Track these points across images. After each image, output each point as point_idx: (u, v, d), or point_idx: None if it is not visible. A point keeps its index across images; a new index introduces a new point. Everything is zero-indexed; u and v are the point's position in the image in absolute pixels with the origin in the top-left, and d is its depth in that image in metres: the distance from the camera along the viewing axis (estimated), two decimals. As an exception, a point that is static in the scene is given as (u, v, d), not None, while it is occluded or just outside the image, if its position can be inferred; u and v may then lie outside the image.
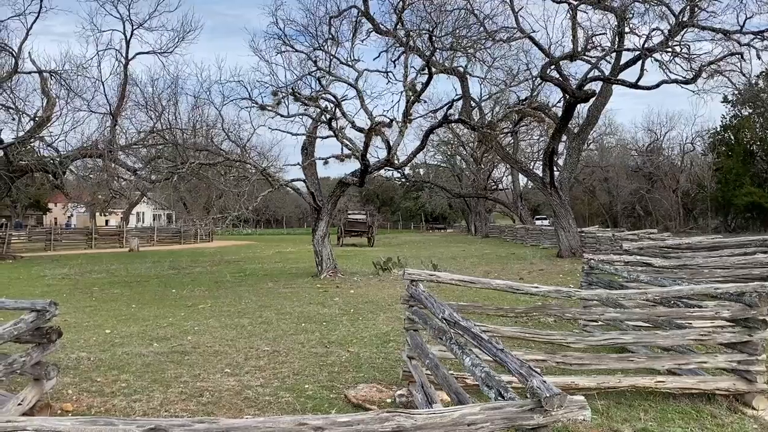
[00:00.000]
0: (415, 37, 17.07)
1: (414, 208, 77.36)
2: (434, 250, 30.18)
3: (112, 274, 20.17)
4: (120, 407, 5.75)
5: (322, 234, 18.10)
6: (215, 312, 11.72)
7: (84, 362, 7.55)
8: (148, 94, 23.36)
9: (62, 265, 23.97)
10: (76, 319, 10.83)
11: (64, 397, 6.06)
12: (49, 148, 26.14)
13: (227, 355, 7.94)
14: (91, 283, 17.24)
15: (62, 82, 25.78)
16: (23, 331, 4.72)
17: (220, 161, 19.11)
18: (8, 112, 26.13)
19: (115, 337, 9.29)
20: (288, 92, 16.77)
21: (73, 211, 59.61)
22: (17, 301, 5.30)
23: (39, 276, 19.56)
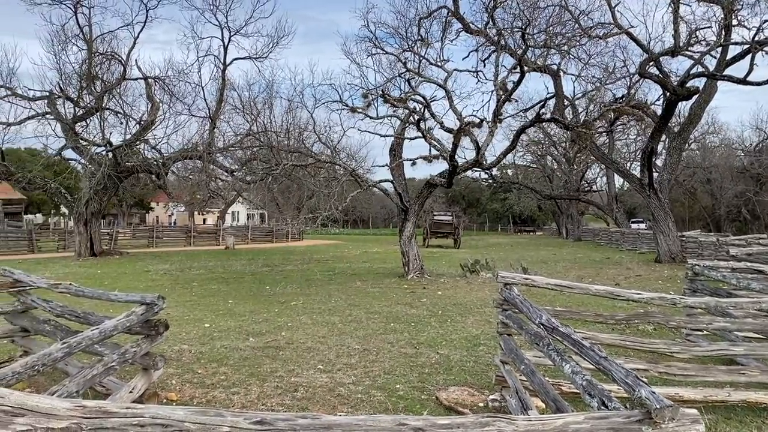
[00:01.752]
0: (507, 35, 16.79)
1: (501, 209, 76.09)
2: (523, 253, 29.55)
3: (209, 270, 21.09)
4: (220, 399, 5.99)
5: (409, 235, 18.14)
6: (307, 309, 12.00)
7: (186, 354, 7.92)
8: (244, 98, 24.30)
9: (164, 261, 25.33)
10: (178, 312, 11.39)
11: (168, 387, 6.38)
12: (153, 150, 27.69)
13: (319, 352, 8.10)
14: (191, 279, 18.10)
15: (165, 88, 27.29)
16: (134, 323, 5.00)
17: (311, 163, 19.58)
18: (117, 117, 27.92)
19: (214, 330, 9.69)
20: (378, 94, 16.94)
21: (174, 210, 62.98)
22: (128, 294, 5.63)
23: (143, 271, 20.75)
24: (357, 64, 17.89)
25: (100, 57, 26.89)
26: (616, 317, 6.33)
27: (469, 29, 17.91)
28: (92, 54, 26.12)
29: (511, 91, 16.47)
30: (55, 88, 26.55)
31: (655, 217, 23.33)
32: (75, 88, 26.79)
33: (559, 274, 18.10)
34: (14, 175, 27.50)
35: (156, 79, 27.17)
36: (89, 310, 6.09)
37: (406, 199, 18.07)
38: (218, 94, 26.73)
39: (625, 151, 46.66)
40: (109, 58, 27.25)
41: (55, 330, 6.29)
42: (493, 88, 16.34)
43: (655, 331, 9.19)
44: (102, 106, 26.48)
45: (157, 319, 5.37)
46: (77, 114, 26.71)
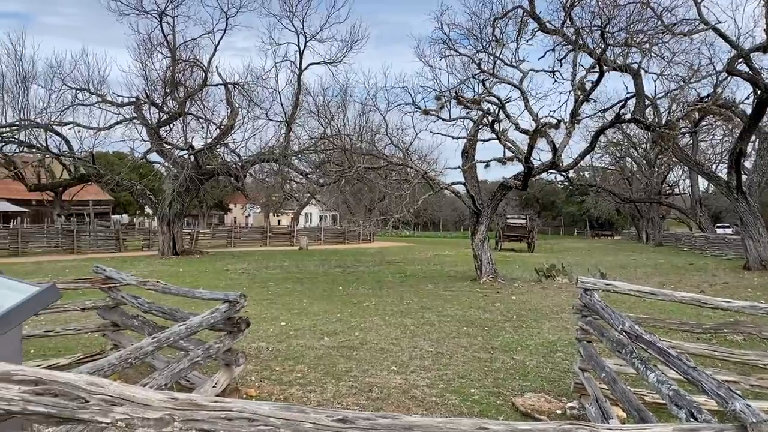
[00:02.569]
0: (585, 34, 16.34)
1: (578, 212, 74.06)
2: (601, 258, 28.65)
3: (285, 270, 21.58)
4: (297, 396, 6.12)
5: (482, 238, 17.95)
6: (379, 310, 12.07)
7: (263, 352, 8.14)
8: (319, 102, 24.76)
9: (241, 260, 26.13)
10: (255, 311, 11.71)
11: (248, 383, 6.56)
12: (232, 153, 28.67)
13: (393, 353, 8.13)
14: (267, 278, 18.58)
15: (244, 93, 28.16)
16: (218, 320, 5.18)
17: (382, 165, 19.74)
18: (198, 121, 29.08)
19: (290, 329, 9.91)
20: (451, 96, 16.86)
21: (250, 211, 64.92)
22: (211, 292, 5.84)
23: (223, 270, 21.48)
24: (430, 66, 18.09)
25: (183, 64, 28.07)
26: (702, 326, 6.05)
27: (546, 29, 17.55)
28: (176, 61, 27.31)
29: (589, 91, 16.02)
30: (142, 94, 27.95)
31: (744, 221, 22.09)
32: (160, 94, 28.08)
33: (639, 281, 17.43)
34: (103, 178, 29.11)
35: (235, 84, 28.09)
36: (174, 307, 6.35)
37: (479, 201, 17.89)
38: (294, 98, 27.36)
39: (711, 153, 44.40)
40: (192, 65, 28.40)
41: (142, 325, 6.59)
42: (571, 88, 15.95)
43: (746, 342, 8.70)
44: (184, 111, 27.65)
45: (238, 316, 5.55)
46: (161, 119, 27.97)
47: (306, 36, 27.15)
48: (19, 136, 27.04)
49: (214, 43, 27.73)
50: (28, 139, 27.50)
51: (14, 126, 26.46)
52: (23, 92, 26.97)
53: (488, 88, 17.11)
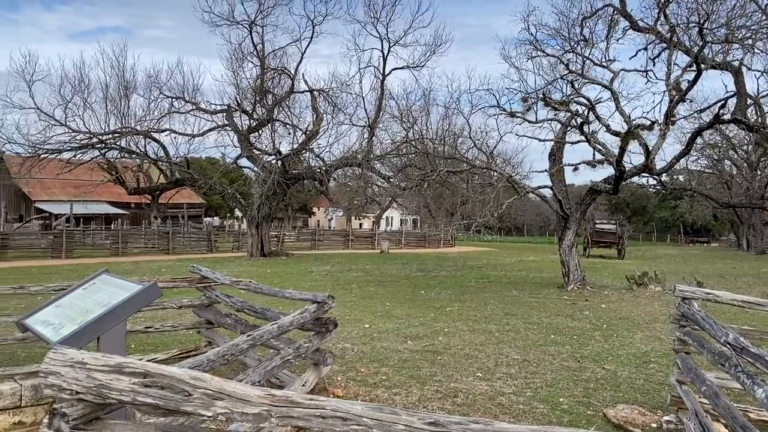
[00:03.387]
0: (681, 31, 15.56)
1: (671, 218, 70.52)
2: (697, 266, 27.18)
3: (367, 273, 21.81)
4: (383, 398, 6.16)
5: (569, 243, 17.43)
6: (462, 316, 11.97)
7: (349, 353, 8.25)
8: (401, 107, 24.89)
9: (325, 262, 26.63)
10: (340, 312, 11.88)
11: (334, 383, 6.67)
12: (317, 158, 29.31)
13: (477, 359, 8.03)
14: (350, 281, 18.84)
15: (329, 99, 28.77)
16: (307, 320, 5.29)
17: (465, 169, 19.56)
18: (285, 127, 29.98)
19: (374, 331, 9.99)
20: (538, 97, 16.50)
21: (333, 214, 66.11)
22: (301, 293, 5.98)
23: (307, 272, 21.97)
24: (516, 67, 17.60)
25: (272, 72, 29.01)
26: (818, 341, 5.60)
27: (638, 27, 16.84)
28: (264, 69, 28.26)
29: (685, 90, 15.24)
30: (233, 102, 29.12)
31: None
32: (250, 102, 29.14)
33: (740, 290, 16.39)
34: (197, 182, 30.50)
35: (320, 91, 28.73)
36: (265, 306, 6.56)
37: (567, 205, 17.40)
38: (377, 103, 27.64)
39: (822, 155, 41.20)
40: (279, 73, 29.30)
41: (235, 323, 6.84)
42: (665, 88, 15.22)
43: None
44: (273, 118, 28.56)
45: (326, 317, 5.65)
46: (251, 125, 29.02)
47: (390, 41, 27.40)
48: (120, 142, 28.78)
49: (300, 51, 28.52)
50: (129, 145, 29.22)
51: (116, 133, 28.17)
52: (125, 101, 28.67)
53: (577, 89, 16.61)
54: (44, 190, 47.19)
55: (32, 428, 5.35)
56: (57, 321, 5.03)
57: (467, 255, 35.74)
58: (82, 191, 37.29)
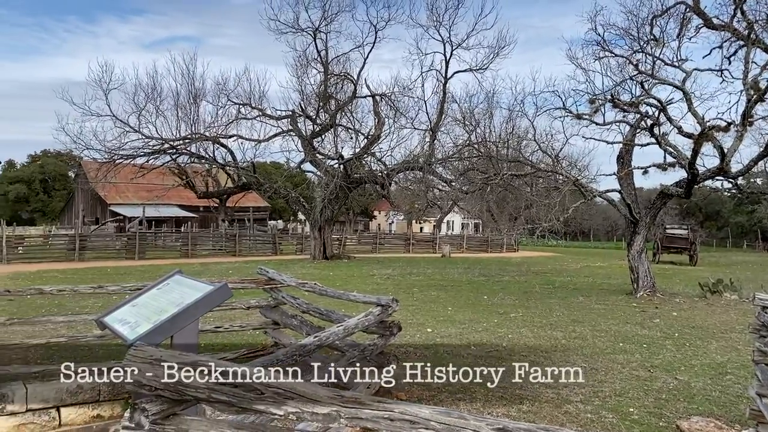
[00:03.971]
0: (760, 28, 14.82)
1: (747, 223, 67.19)
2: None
3: (428, 277, 21.76)
4: (446, 402, 6.15)
5: (639, 249, 16.87)
6: (527, 322, 11.77)
7: (411, 356, 8.25)
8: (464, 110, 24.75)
9: (386, 266, 26.73)
10: (402, 316, 11.89)
11: (397, 386, 6.68)
12: (379, 162, 29.52)
13: (542, 366, 7.87)
14: (411, 284, 18.84)
15: (390, 104, 28.94)
16: (371, 323, 5.33)
17: (529, 172, 19.26)
18: (348, 132, 30.35)
19: (436, 336, 9.96)
20: (606, 99, 16.07)
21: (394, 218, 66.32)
22: (365, 296, 6.03)
23: (369, 275, 22.12)
24: (582, 68, 17.11)
25: (335, 78, 29.41)
26: None
27: (712, 24, 16.15)
28: (327, 75, 28.68)
29: (764, 90, 14.50)
30: (297, 107, 29.68)
31: None
32: (313, 107, 29.64)
33: (825, 300, 15.44)
34: (262, 186, 31.24)
35: (382, 96, 28.92)
36: (330, 308, 6.64)
37: (636, 210, 16.85)
38: (439, 106, 27.60)
39: None
40: (342, 78, 29.67)
41: (300, 325, 6.96)
42: (742, 87, 14.53)
43: None
44: (335, 123, 28.94)
45: (391, 320, 5.68)
46: (315, 130, 29.50)
47: (452, 44, 27.32)
48: (190, 148, 29.81)
49: (363, 56, 28.80)
50: (198, 150, 30.24)
51: (187, 139, 29.19)
52: (194, 108, 29.69)
53: (647, 89, 16.07)
54: (119, 194, 49.44)
55: (110, 422, 5.59)
56: (133, 319, 5.25)
57: (531, 260, 35.12)
58: (154, 195, 38.86)
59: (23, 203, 62.96)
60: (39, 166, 65.61)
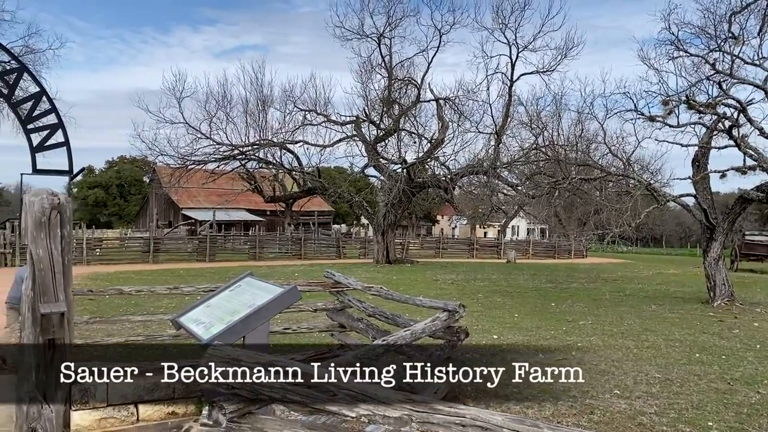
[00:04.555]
0: None
1: (837, 229, 63.14)
2: None
3: (493, 282, 21.49)
4: (514, 410, 6.06)
5: (716, 256, 16.12)
6: (597, 330, 11.44)
7: (477, 362, 8.14)
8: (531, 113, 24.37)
9: (450, 271, 26.57)
10: (466, 322, 11.68)
11: (464, 392, 6.62)
12: (442, 166, 29.43)
13: (614, 376, 7.65)
14: (476, 290, 18.65)
15: (455, 108, 28.81)
16: (438, 328, 5.32)
17: (599, 176, 18.75)
18: (411, 136, 30.41)
19: (503, 342, 9.83)
20: (680, 100, 15.46)
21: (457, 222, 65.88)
22: (431, 300, 6.02)
23: (432, 280, 22.04)
24: (655, 69, 16.51)
25: (399, 82, 29.56)
26: None
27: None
28: (392, 80, 28.86)
29: None
30: (361, 113, 30.00)
31: None
32: (377, 112, 29.87)
33: None
34: (327, 190, 31.68)
35: (446, 99, 28.85)
36: (396, 313, 6.66)
37: (713, 215, 16.12)
38: (504, 109, 27.29)
39: None
40: (406, 83, 29.80)
41: (366, 328, 7.00)
42: (832, 85, 13.70)
43: None
44: (399, 128, 29.06)
45: (457, 326, 5.64)
46: (378, 135, 29.71)
47: (518, 47, 27.02)
48: (258, 153, 30.62)
49: (427, 60, 28.86)
50: (266, 156, 31.01)
51: (255, 145, 29.98)
52: (263, 115, 30.47)
53: (725, 89, 15.36)
54: (190, 199, 51.23)
55: (184, 418, 5.77)
56: (207, 320, 5.41)
57: (600, 267, 34.13)
58: (224, 199, 40.09)
59: (101, 207, 66.14)
60: (116, 172, 68.80)
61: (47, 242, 5.09)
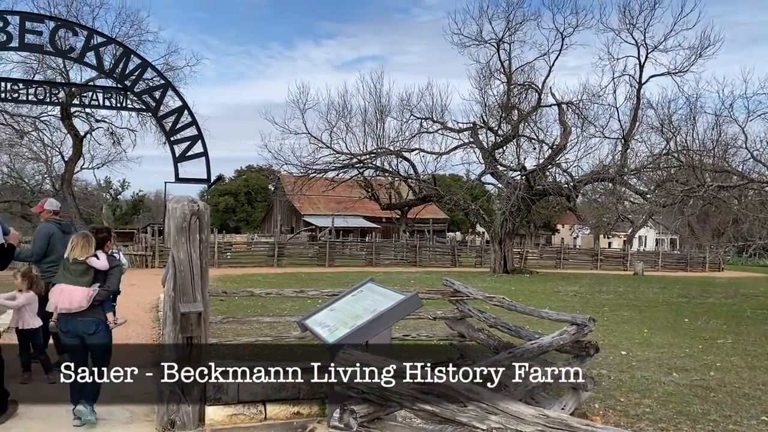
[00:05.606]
0: None
1: None
2: None
3: (619, 295, 20.41)
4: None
5: None
6: (738, 350, 10.52)
7: (605, 380, 7.75)
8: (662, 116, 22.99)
9: (572, 282, 25.56)
10: (592, 335, 11.25)
11: (591, 410, 6.31)
12: (564, 173, 28.45)
13: (761, 401, 6.97)
14: (601, 303, 17.79)
15: (578, 112, 27.79)
16: (566, 342, 5.09)
17: (738, 183, 17.31)
18: (531, 143, 29.69)
19: (632, 359, 9.27)
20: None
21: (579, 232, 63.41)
22: (558, 313, 5.78)
23: (553, 291, 21.29)
24: (806, 65, 15.02)
25: (518, 87, 29.00)
26: None
27: None
28: (511, 85, 28.36)
29: None
30: (479, 119, 29.72)
31: None
32: (495, 118, 29.45)
33: None
34: (443, 198, 31.63)
35: (569, 104, 27.92)
36: (520, 324, 6.47)
37: None
38: (632, 113, 25.96)
39: None
40: (526, 88, 29.16)
41: (487, 339, 6.85)
42: None
43: None
44: (518, 134, 28.46)
45: (587, 340, 5.38)
46: (496, 141, 29.27)
47: (647, 47, 25.63)
48: (376, 162, 31.19)
49: (548, 64, 28.11)
50: (383, 164, 31.53)
51: (372, 153, 30.59)
52: (380, 124, 31.06)
53: None
54: (311, 206, 53.17)
55: (308, 419, 5.93)
56: (332, 323, 5.54)
57: (739, 281, 31.42)
58: (342, 206, 41.25)
59: (231, 213, 70.29)
60: (244, 180, 72.89)
61: (187, 246, 5.43)
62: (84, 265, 5.38)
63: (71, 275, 5.34)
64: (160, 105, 6.63)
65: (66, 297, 5.25)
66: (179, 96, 6.55)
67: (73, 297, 5.25)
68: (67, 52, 6.42)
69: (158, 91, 6.59)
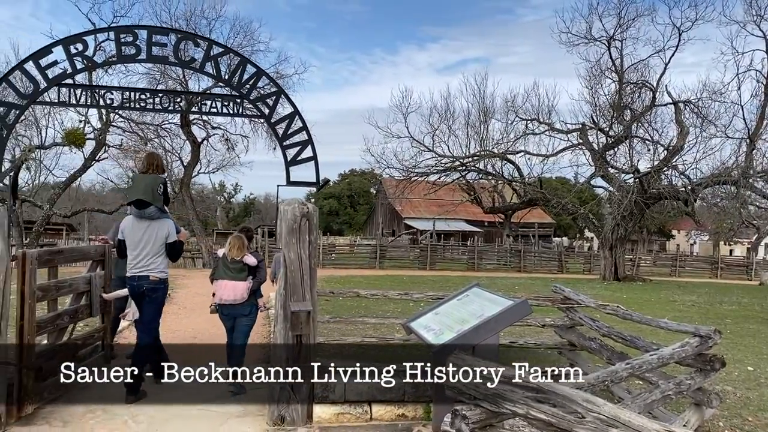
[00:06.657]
0: None
1: None
2: None
3: (743, 307, 18.93)
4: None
5: None
6: None
7: (730, 396, 7.21)
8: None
9: (689, 291, 24.01)
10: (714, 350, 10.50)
11: (714, 428, 5.89)
12: (681, 176, 26.81)
13: None
14: (723, 315, 16.58)
15: (697, 111, 26.10)
16: (688, 354, 4.76)
17: None
18: (644, 144, 28.20)
19: (760, 376, 8.56)
20: None
21: (696, 238, 59.51)
22: (679, 324, 5.42)
23: (668, 300, 20.09)
24: None
25: (631, 86, 27.66)
26: None
27: None
28: (623, 84, 27.09)
29: None
30: (588, 120, 28.61)
31: None
32: (606, 119, 28.25)
33: None
34: (549, 202, 30.72)
35: (686, 102, 26.31)
36: (635, 334, 6.13)
37: None
38: (759, 111, 24.03)
39: None
40: (639, 87, 27.77)
41: (600, 348, 6.55)
42: None
43: None
44: (630, 134, 27.13)
45: (711, 354, 5.00)
46: (607, 143, 28.05)
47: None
48: (479, 164, 30.82)
49: (664, 61, 26.66)
50: (486, 167, 31.11)
51: (476, 156, 30.27)
52: (484, 126, 30.70)
53: None
54: (412, 209, 53.39)
55: (413, 422, 5.92)
56: (437, 327, 5.50)
57: None
58: (443, 210, 41.07)
59: (334, 216, 72.09)
60: (347, 184, 74.55)
61: (298, 246, 5.59)
62: (241, 263, 6.50)
63: (231, 272, 6.47)
64: (273, 111, 6.87)
65: (230, 291, 6.43)
66: (291, 102, 6.75)
67: (236, 291, 6.43)
68: (189, 63, 6.79)
69: (271, 98, 6.84)
